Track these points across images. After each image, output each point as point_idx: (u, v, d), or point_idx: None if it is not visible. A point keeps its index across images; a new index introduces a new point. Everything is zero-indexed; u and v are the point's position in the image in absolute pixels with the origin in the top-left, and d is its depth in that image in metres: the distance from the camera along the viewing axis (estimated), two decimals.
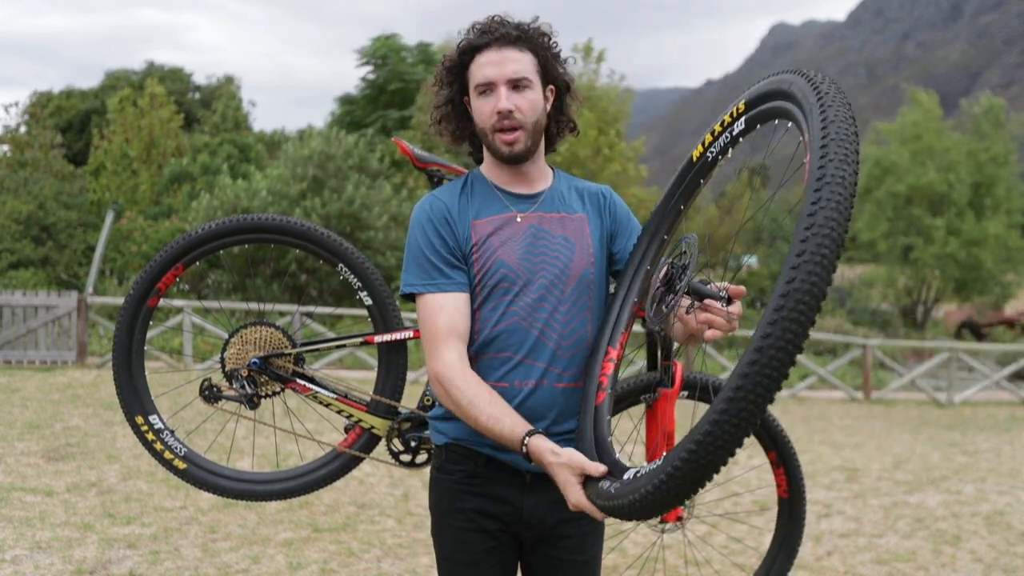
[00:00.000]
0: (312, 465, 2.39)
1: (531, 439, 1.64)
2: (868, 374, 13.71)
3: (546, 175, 1.91)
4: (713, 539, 4.85)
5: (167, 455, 2.33)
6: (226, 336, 2.29)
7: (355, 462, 2.39)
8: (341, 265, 2.36)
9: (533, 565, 1.88)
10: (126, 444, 6.38)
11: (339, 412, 2.34)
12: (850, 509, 5.92)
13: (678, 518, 2.08)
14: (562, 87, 1.87)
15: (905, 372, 14.14)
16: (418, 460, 2.35)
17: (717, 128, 1.65)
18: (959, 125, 28.18)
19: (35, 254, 18.80)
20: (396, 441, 2.35)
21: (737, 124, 1.59)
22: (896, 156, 25.32)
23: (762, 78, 1.56)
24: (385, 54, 24.84)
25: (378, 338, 2.35)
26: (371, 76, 25.18)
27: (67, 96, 35.87)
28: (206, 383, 2.30)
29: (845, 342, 15.05)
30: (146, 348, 2.36)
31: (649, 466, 1.42)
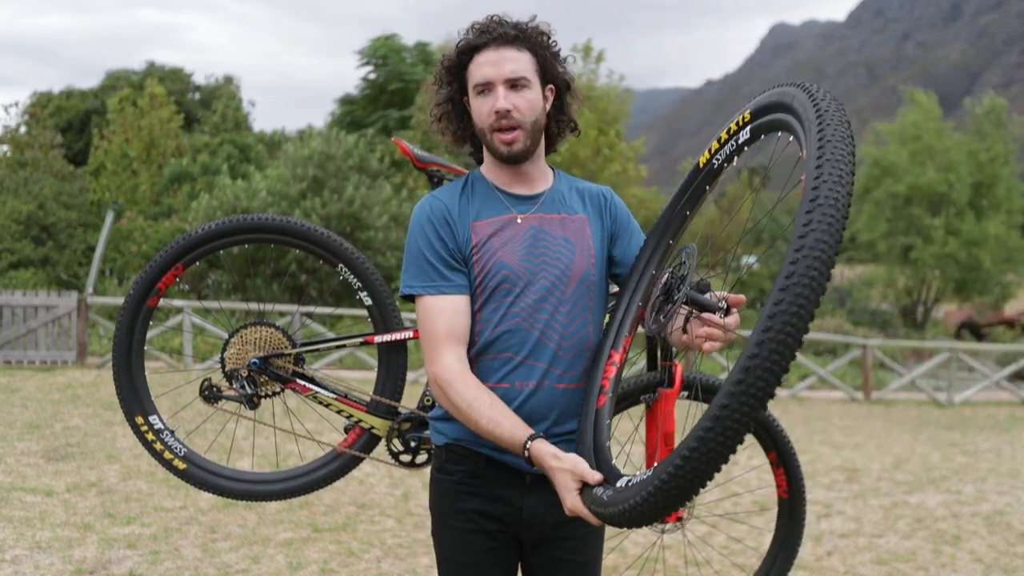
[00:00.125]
0: (312, 465, 2.39)
1: (533, 443, 1.65)
2: (868, 374, 13.71)
3: (547, 175, 1.91)
4: (713, 539, 4.85)
5: (167, 455, 2.33)
6: (226, 336, 2.29)
7: (355, 462, 2.39)
8: (341, 265, 2.36)
9: (533, 566, 1.88)
10: (126, 444, 6.38)
11: (339, 412, 2.34)
12: (850, 509, 5.92)
13: (678, 519, 2.09)
14: (562, 86, 1.87)
15: (905, 372, 14.14)
16: (418, 460, 2.35)
17: (723, 136, 1.67)
18: (960, 125, 28.18)
19: (35, 254, 18.81)
20: (396, 441, 2.35)
21: (743, 133, 1.61)
22: (894, 156, 25.32)
23: (768, 87, 1.57)
24: (385, 54, 24.84)
25: (378, 338, 2.35)
26: (371, 76, 25.19)
27: (67, 96, 35.85)
28: (206, 383, 2.30)
29: (845, 342, 15.05)
30: (146, 348, 2.36)
31: (641, 475, 1.44)
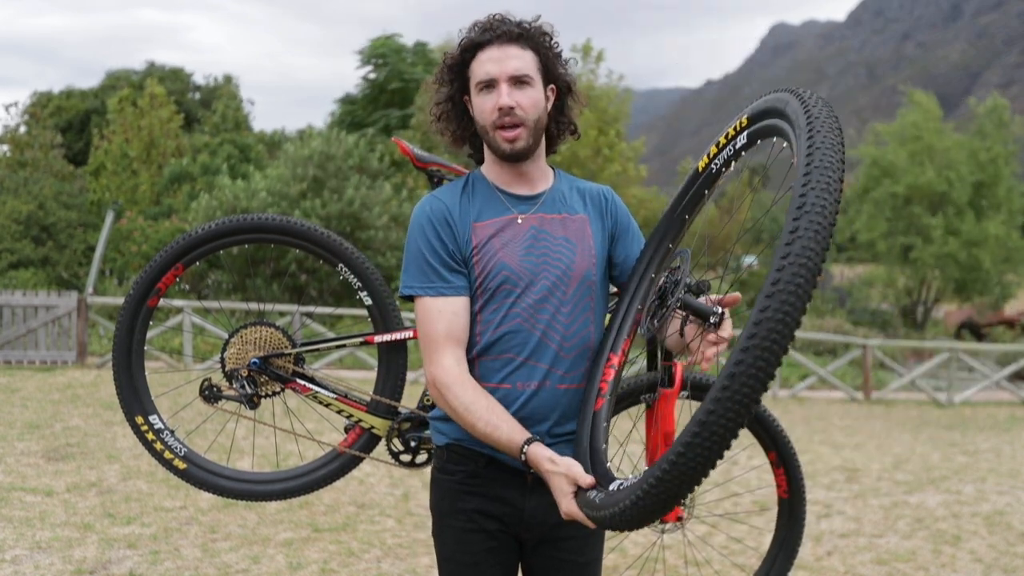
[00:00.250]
0: (312, 465, 2.39)
1: (529, 447, 1.65)
2: (868, 374, 13.71)
3: (547, 175, 1.91)
4: (713, 539, 4.85)
5: (167, 455, 2.32)
6: (226, 336, 2.29)
7: (355, 462, 2.38)
8: (341, 265, 2.35)
9: (534, 566, 1.88)
10: (126, 444, 6.38)
11: (339, 412, 2.33)
12: (850, 509, 5.92)
13: (678, 518, 2.08)
14: (563, 88, 1.87)
15: (905, 372, 14.14)
16: (418, 460, 2.35)
17: (722, 140, 1.67)
18: (960, 126, 28.17)
19: (35, 254, 18.80)
20: (396, 441, 2.35)
21: (740, 138, 1.62)
22: (893, 156, 25.31)
23: (766, 92, 1.58)
24: (385, 54, 24.84)
25: (378, 338, 2.35)
26: (371, 76, 25.18)
27: (67, 96, 35.84)
28: (206, 383, 2.30)
29: (845, 342, 15.06)
30: (146, 348, 2.36)
31: (632, 479, 1.44)
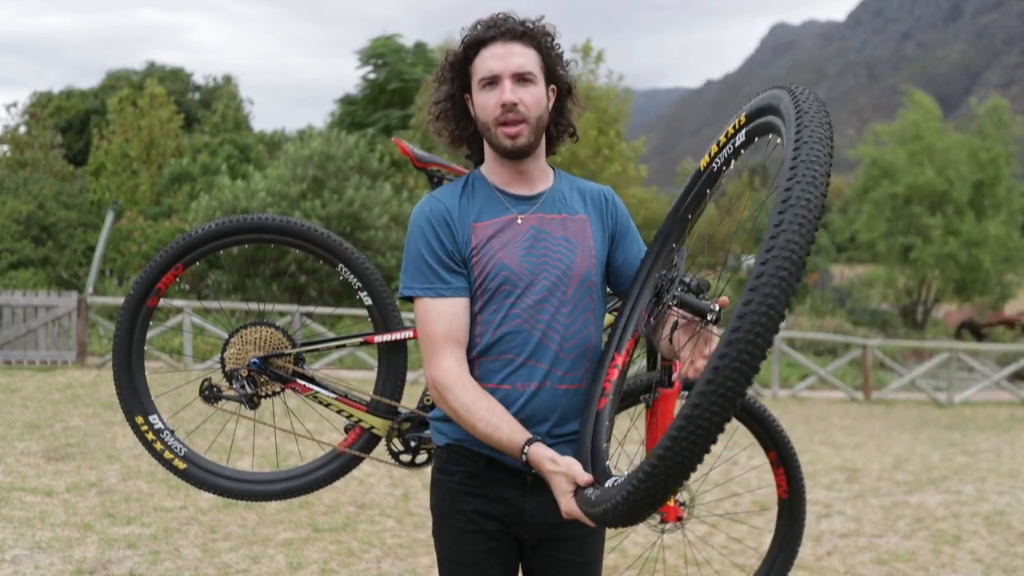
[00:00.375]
0: (312, 465, 2.39)
1: (530, 447, 1.66)
2: (868, 374, 13.71)
3: (547, 175, 1.91)
4: (713, 539, 4.85)
5: (167, 455, 2.33)
6: (226, 336, 2.29)
7: (355, 462, 2.39)
8: (341, 265, 2.36)
9: (534, 566, 1.88)
10: (126, 444, 6.38)
11: (339, 412, 2.34)
12: (850, 509, 5.92)
13: (678, 518, 2.09)
14: (564, 89, 1.87)
15: (905, 372, 14.14)
16: (418, 460, 2.35)
17: (722, 139, 1.68)
18: (960, 126, 28.16)
19: (35, 254, 18.80)
20: (396, 441, 2.35)
21: (739, 136, 1.62)
22: (893, 156, 25.31)
23: (763, 89, 1.59)
24: (385, 54, 24.83)
25: (378, 338, 2.35)
26: (371, 76, 25.18)
27: (67, 96, 35.83)
28: (206, 383, 2.30)
29: (845, 342, 15.06)
30: (146, 348, 2.36)
31: (623, 476, 1.45)
